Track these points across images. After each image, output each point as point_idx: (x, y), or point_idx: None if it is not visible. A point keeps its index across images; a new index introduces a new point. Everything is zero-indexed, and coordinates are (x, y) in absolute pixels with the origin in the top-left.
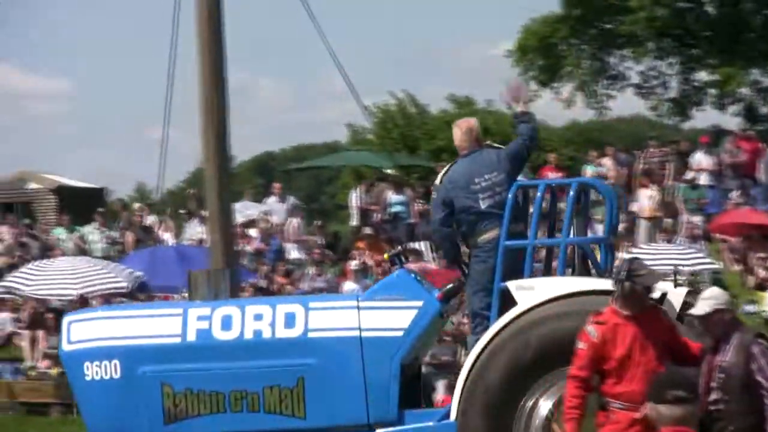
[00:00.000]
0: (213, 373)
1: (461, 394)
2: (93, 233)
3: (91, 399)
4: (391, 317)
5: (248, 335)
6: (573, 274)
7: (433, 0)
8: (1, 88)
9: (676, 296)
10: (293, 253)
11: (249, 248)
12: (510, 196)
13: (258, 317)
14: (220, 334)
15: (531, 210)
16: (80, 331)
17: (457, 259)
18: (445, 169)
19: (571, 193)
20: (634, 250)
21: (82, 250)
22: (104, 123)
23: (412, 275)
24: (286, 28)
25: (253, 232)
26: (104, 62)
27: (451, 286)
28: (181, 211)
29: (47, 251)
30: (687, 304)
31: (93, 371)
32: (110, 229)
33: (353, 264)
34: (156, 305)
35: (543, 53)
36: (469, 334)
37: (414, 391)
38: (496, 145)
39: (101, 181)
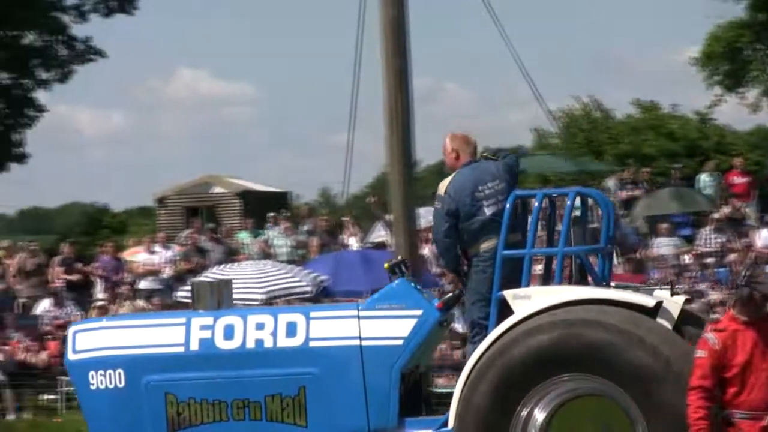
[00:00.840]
0: (216, 382)
1: (458, 401)
2: (278, 237)
3: (96, 408)
4: (391, 326)
5: (250, 344)
6: (570, 283)
7: (614, 5)
8: (195, 93)
9: (673, 304)
10: None
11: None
12: (508, 205)
13: (260, 326)
14: (222, 344)
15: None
16: (85, 341)
17: (458, 269)
18: (447, 180)
19: (568, 202)
20: None
21: (267, 254)
22: (290, 127)
23: (412, 284)
24: (470, 33)
25: None
26: (291, 67)
27: (450, 295)
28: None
29: (231, 255)
30: (685, 312)
31: (98, 380)
32: (296, 233)
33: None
34: (160, 315)
35: (728, 58)
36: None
37: (415, 399)
38: (492, 157)
39: (286, 186)
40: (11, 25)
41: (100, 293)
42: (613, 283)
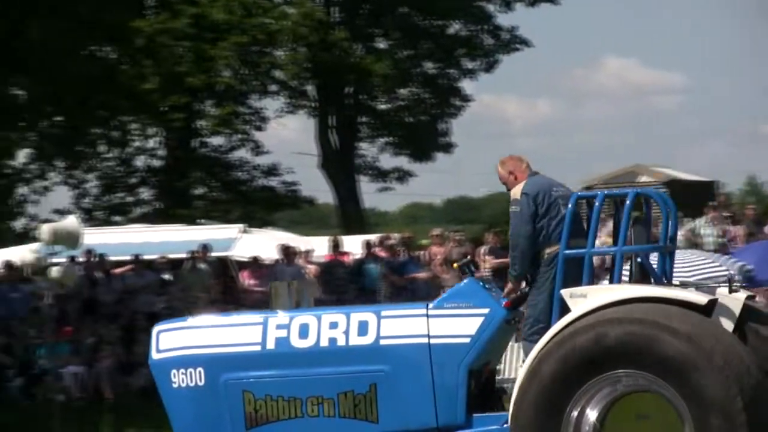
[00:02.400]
0: (291, 380)
1: (516, 396)
2: (704, 227)
3: (177, 406)
4: (459, 324)
5: (324, 343)
6: (631, 282)
7: None
8: (623, 82)
9: (734, 301)
10: None
11: None
12: (570, 206)
13: (333, 326)
14: (297, 343)
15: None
16: (168, 340)
17: (526, 275)
18: (520, 186)
19: (627, 203)
20: None
21: (693, 244)
22: (718, 117)
23: (480, 284)
24: None
25: None
26: (721, 56)
27: (516, 294)
28: None
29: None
30: (748, 308)
31: (179, 379)
32: (723, 222)
33: None
34: (239, 314)
35: None
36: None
37: (487, 395)
38: None
39: (712, 175)
40: (437, 14)
41: None
42: (676, 282)
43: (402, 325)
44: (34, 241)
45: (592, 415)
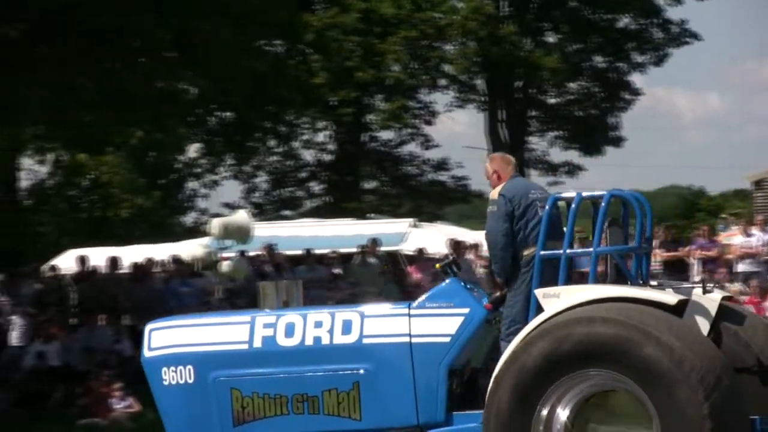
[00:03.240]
0: (277, 378)
1: (489, 394)
2: None
3: (168, 402)
4: (440, 324)
5: (309, 342)
6: (607, 282)
7: None
8: None
9: (710, 302)
10: None
11: None
12: (547, 208)
13: (318, 325)
14: (283, 341)
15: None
16: (159, 339)
17: (508, 274)
18: (499, 187)
19: (603, 204)
20: None
21: None
22: None
23: (462, 284)
24: None
25: None
26: None
27: (498, 294)
28: None
29: None
30: (725, 308)
31: (170, 376)
32: None
33: None
34: (228, 314)
35: None
36: None
37: (470, 394)
38: None
39: None
40: (606, 8)
41: (696, 275)
42: (653, 282)
43: (384, 325)
44: (204, 235)
45: (563, 414)
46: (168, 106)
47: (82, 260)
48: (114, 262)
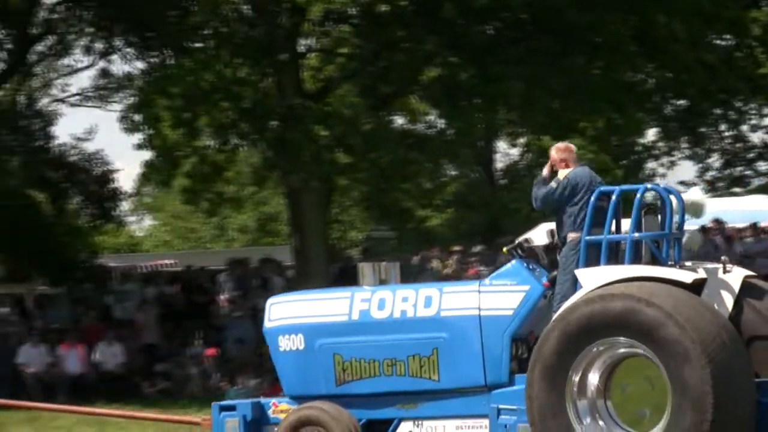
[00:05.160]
0: (371, 345)
1: (531, 359)
2: None
3: (284, 365)
4: (504, 299)
5: (396, 314)
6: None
7: None
8: None
9: (733, 279)
10: None
11: None
12: (592, 199)
13: (405, 299)
14: (376, 314)
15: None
16: (277, 312)
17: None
18: (568, 171)
19: (638, 196)
20: None
21: None
22: None
23: (525, 265)
24: None
25: None
26: None
27: (554, 274)
28: None
29: None
30: (748, 284)
31: (285, 343)
32: None
33: None
34: (333, 290)
35: None
36: None
37: (528, 359)
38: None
39: None
40: None
41: None
42: (688, 263)
43: (459, 299)
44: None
45: (593, 377)
46: (627, 96)
47: (552, 233)
48: None
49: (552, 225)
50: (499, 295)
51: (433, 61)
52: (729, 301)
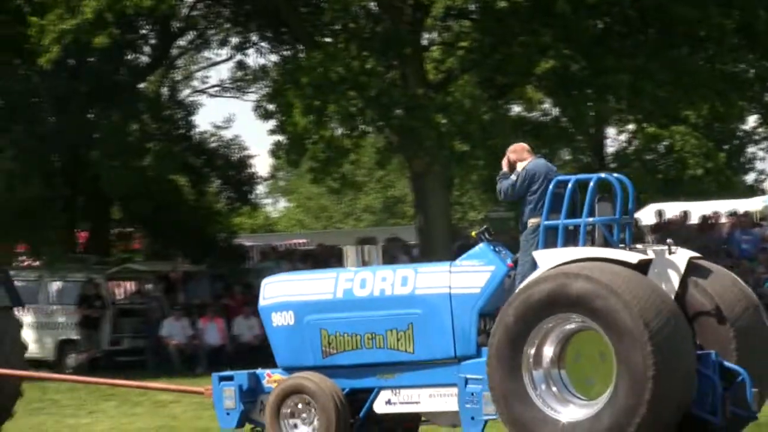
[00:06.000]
0: (353, 321)
1: (492, 333)
2: None
3: (276, 340)
4: (472, 278)
5: (376, 293)
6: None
7: None
8: None
9: (680, 259)
10: None
11: None
12: (550, 187)
13: (384, 279)
14: (358, 292)
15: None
16: (270, 291)
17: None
18: (524, 163)
19: (591, 185)
20: None
21: None
22: None
23: (491, 247)
24: None
25: None
26: None
27: (517, 255)
28: None
29: None
30: (693, 265)
31: (277, 320)
32: None
33: None
34: (320, 271)
35: None
36: None
37: None
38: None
39: None
40: None
41: None
42: (639, 246)
43: (432, 279)
44: (762, 193)
45: (548, 349)
46: (729, 85)
47: (659, 213)
48: (685, 214)
49: (659, 205)
50: (468, 275)
51: (548, 53)
52: (675, 279)
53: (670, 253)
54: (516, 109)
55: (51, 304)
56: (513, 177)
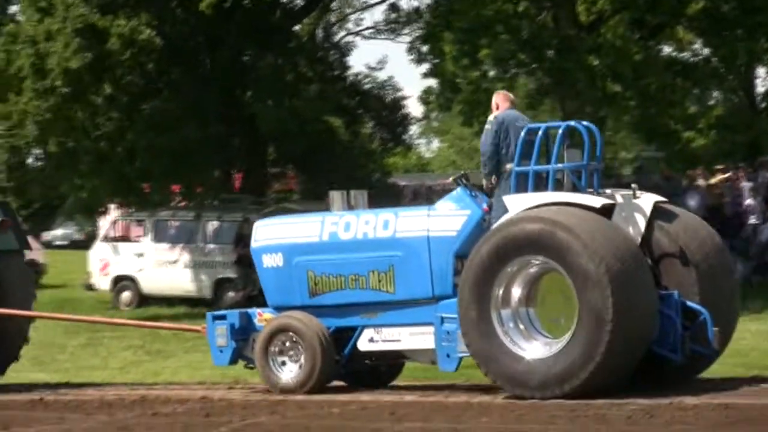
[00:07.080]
0: (338, 262)
1: (462, 274)
2: None
3: (266, 280)
4: (449, 222)
5: (359, 236)
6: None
7: None
8: None
9: (645, 203)
10: None
11: None
12: (522, 134)
13: (366, 223)
14: (342, 235)
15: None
16: (261, 233)
17: (495, 174)
18: (495, 113)
19: (560, 132)
20: None
21: None
22: None
23: (468, 192)
24: None
25: None
26: None
27: (492, 200)
28: None
29: None
30: (659, 209)
31: (268, 261)
32: None
33: None
34: (307, 214)
35: None
36: None
37: None
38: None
39: None
40: None
41: None
42: (608, 191)
43: (411, 222)
44: None
45: (516, 290)
46: None
47: None
48: None
49: None
50: (446, 219)
51: None
52: (641, 223)
53: (635, 197)
54: (667, 49)
55: (208, 244)
56: (487, 126)
